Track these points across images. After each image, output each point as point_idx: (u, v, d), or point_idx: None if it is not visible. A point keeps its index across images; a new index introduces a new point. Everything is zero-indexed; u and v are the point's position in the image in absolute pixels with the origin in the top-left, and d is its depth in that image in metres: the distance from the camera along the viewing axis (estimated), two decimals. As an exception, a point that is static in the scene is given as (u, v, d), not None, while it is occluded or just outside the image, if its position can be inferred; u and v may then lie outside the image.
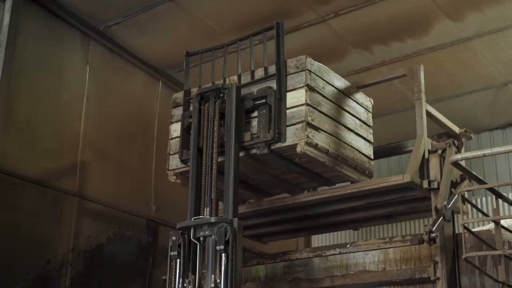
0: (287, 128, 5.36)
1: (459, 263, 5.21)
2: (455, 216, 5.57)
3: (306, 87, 5.42)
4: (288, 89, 5.48)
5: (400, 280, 5.43)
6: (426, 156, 5.71)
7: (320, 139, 5.44)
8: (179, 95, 6.19)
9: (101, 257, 7.64)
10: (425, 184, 5.50)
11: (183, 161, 5.80)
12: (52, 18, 7.62)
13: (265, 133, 5.34)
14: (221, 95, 5.52)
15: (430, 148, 5.78)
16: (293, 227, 6.81)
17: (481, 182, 5.55)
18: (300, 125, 5.30)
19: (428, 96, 6.23)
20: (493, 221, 4.92)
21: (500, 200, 5.26)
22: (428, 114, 6.01)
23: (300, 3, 7.83)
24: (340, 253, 5.80)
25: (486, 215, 5.85)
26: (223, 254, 4.81)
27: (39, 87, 7.32)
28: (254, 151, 5.43)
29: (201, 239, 5.07)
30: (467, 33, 8.29)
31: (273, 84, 5.50)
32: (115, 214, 7.92)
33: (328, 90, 5.74)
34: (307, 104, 5.37)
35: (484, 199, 10.21)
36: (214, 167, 5.27)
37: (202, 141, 5.45)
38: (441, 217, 5.15)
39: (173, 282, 5.06)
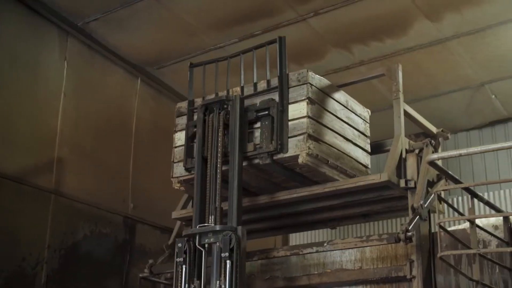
0: (289, 139, 5.57)
1: (434, 262, 5.24)
2: (431, 215, 5.60)
3: (307, 100, 5.62)
4: (290, 101, 5.68)
5: (377, 278, 5.45)
6: (404, 156, 5.75)
7: (321, 150, 5.63)
8: (183, 105, 6.34)
9: (77, 255, 7.58)
10: (402, 183, 5.54)
11: (188, 170, 5.96)
12: (30, 14, 7.55)
13: (267, 144, 5.53)
14: (225, 106, 5.70)
15: (407, 147, 5.81)
16: (271, 226, 6.82)
17: (457, 181, 5.60)
18: (301, 136, 5.51)
19: (406, 96, 6.27)
20: (468, 220, 4.97)
21: (476, 200, 5.32)
22: (406, 113, 6.04)
23: (280, 1, 7.84)
24: (317, 252, 5.84)
25: (461, 214, 5.90)
26: (227, 261, 4.97)
27: (16, 83, 7.25)
28: (257, 161, 5.63)
29: (206, 246, 5.23)
30: (445, 34, 8.37)
31: (276, 96, 5.69)
32: (92, 211, 7.87)
33: (328, 102, 5.91)
34: (308, 117, 5.57)
35: (460, 198, 10.32)
36: (218, 176, 5.42)
37: (207, 151, 5.62)
38: (417, 216, 5.19)
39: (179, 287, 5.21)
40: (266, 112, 5.64)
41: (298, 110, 5.61)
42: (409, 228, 5.02)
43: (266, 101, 5.70)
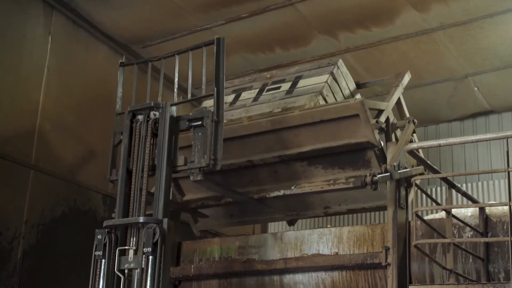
0: None
1: (410, 250, 5.31)
2: (409, 204, 5.66)
3: None
4: None
5: (352, 264, 5.51)
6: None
7: None
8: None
9: (55, 231, 7.56)
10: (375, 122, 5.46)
11: (112, 182, 5.48)
12: (14, -14, 7.46)
13: (199, 158, 4.99)
14: (155, 114, 5.15)
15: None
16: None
17: (435, 171, 5.65)
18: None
19: (389, 85, 6.31)
20: (445, 210, 5.02)
21: (453, 191, 5.38)
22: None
23: (268, -15, 7.82)
24: (284, 195, 5.88)
25: (438, 204, 5.96)
26: (150, 257, 4.59)
27: (-2, 56, 7.18)
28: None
29: (126, 271, 4.78)
30: (431, 24, 8.40)
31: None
32: (71, 188, 7.84)
33: None
34: None
35: (438, 189, 10.42)
36: (143, 193, 4.95)
37: (132, 163, 5.08)
38: (388, 173, 5.16)
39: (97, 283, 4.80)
40: (200, 123, 5.07)
41: None
42: (376, 174, 5.02)
43: (200, 110, 5.17)
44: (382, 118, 5.64)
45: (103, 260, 4.79)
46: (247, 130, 6.01)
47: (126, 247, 4.81)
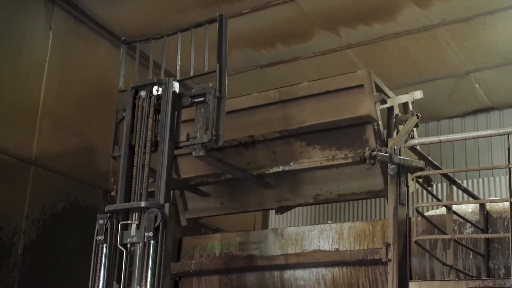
0: None
1: (410, 246, 5.30)
2: (409, 200, 5.65)
3: None
4: None
5: (353, 260, 5.51)
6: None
7: None
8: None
9: (56, 227, 7.56)
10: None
11: (114, 158, 5.52)
12: (15, -18, 7.45)
13: (202, 134, 5.05)
14: (157, 90, 5.19)
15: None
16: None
17: (436, 167, 5.65)
18: None
19: (391, 82, 6.32)
20: (445, 206, 5.02)
21: (454, 187, 5.38)
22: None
23: (269, -20, 7.81)
24: (283, 171, 5.82)
25: (439, 200, 5.96)
26: (151, 242, 4.61)
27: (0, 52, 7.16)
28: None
29: (128, 246, 4.83)
30: (432, 21, 8.38)
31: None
32: (72, 184, 7.84)
33: None
34: None
35: (439, 185, 10.41)
36: (146, 168, 4.98)
37: (135, 139, 5.13)
38: (389, 155, 5.17)
39: (98, 271, 4.81)
40: (202, 99, 5.13)
41: None
42: (375, 150, 5.01)
43: (202, 86, 5.20)
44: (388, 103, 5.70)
45: (105, 245, 4.80)
46: (255, 101, 6.01)
47: (129, 222, 4.84)
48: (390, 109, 5.78)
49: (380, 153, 5.06)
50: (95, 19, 8.51)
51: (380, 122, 5.42)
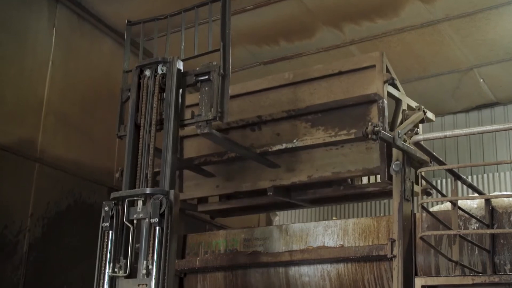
0: None
1: (415, 242, 5.30)
2: (414, 196, 5.64)
3: None
4: None
5: (358, 257, 5.50)
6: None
7: None
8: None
9: (61, 224, 7.58)
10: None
11: (120, 137, 5.60)
12: (18, -20, 7.45)
13: (206, 111, 5.13)
14: (162, 69, 5.27)
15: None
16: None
17: (441, 163, 5.64)
18: None
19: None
20: (450, 201, 5.01)
21: (459, 183, 5.37)
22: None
23: (273, -24, 7.80)
24: (286, 148, 5.84)
25: (444, 195, 5.95)
26: (157, 228, 4.66)
27: (3, 51, 7.17)
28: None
29: (135, 221, 4.89)
30: (436, 16, 8.36)
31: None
32: (76, 181, 7.85)
33: None
34: None
35: (444, 181, 10.40)
36: (151, 145, 5.06)
37: (140, 117, 5.20)
38: (392, 138, 5.22)
39: (104, 255, 4.87)
40: (207, 77, 5.21)
41: None
42: (378, 126, 5.04)
43: (206, 64, 5.26)
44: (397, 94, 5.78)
45: (111, 232, 4.86)
46: (269, 83, 6.07)
47: (135, 198, 4.90)
48: (398, 102, 5.79)
49: (383, 131, 5.10)
50: (98, 17, 8.51)
51: (385, 101, 5.47)
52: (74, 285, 7.55)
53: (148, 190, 4.84)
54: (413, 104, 6.01)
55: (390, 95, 5.66)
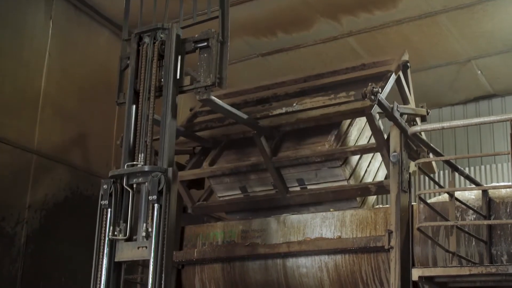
0: None
1: (413, 233, 5.31)
2: (412, 187, 5.65)
3: None
4: None
5: (355, 248, 5.52)
6: None
7: None
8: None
9: (58, 216, 7.57)
10: None
11: (119, 105, 5.65)
12: (15, -29, 7.41)
13: (205, 77, 5.17)
14: (161, 36, 5.30)
15: None
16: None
17: (438, 154, 5.64)
18: None
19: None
20: (448, 193, 5.02)
21: (456, 174, 5.37)
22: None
23: (269, -32, 7.77)
24: (286, 112, 5.93)
25: (441, 186, 5.96)
26: (155, 205, 4.69)
27: (0, 42, 7.13)
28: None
29: (134, 186, 4.95)
30: (434, 8, 8.34)
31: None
32: (74, 173, 7.84)
33: None
34: None
35: (441, 172, 10.40)
36: (150, 111, 5.09)
37: (139, 84, 5.23)
38: (390, 107, 5.26)
39: (103, 232, 4.91)
40: (205, 44, 5.24)
41: None
42: (377, 87, 5.09)
43: (205, 31, 5.30)
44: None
45: (109, 209, 4.89)
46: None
47: (135, 162, 4.96)
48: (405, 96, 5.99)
49: (381, 94, 5.17)
50: (95, 8, 8.47)
51: (394, 75, 5.66)
52: (72, 277, 7.56)
53: (146, 168, 4.89)
54: (421, 112, 6.29)
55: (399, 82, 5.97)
